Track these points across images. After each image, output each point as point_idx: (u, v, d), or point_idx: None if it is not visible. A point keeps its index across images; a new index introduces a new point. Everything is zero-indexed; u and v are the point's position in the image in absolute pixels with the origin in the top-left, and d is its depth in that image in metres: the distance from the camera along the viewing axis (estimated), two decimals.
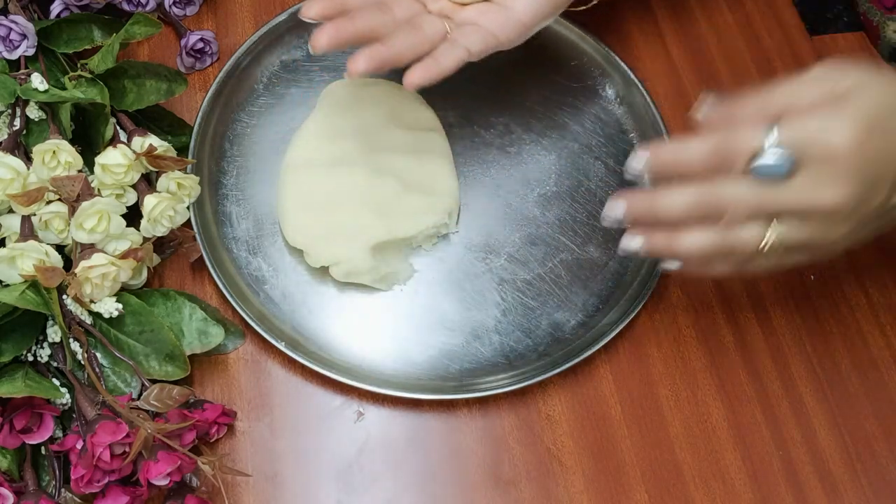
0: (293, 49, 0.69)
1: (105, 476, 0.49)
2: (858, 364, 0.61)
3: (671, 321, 0.61)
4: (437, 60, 0.54)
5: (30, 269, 0.52)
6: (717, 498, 0.56)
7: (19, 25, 0.60)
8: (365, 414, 0.57)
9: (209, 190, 0.63)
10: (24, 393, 0.50)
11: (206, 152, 0.64)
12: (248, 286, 0.60)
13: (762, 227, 0.47)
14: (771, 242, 0.47)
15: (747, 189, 0.46)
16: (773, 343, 0.61)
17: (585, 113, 0.68)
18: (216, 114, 0.65)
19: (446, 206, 0.62)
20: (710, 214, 0.48)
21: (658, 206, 0.49)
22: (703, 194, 0.48)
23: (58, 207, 0.55)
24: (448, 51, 0.55)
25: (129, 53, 0.69)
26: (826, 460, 0.57)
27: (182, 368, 0.54)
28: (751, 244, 0.48)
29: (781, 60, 0.72)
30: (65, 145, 0.55)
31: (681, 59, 0.72)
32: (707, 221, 0.48)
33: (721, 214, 0.47)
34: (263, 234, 0.62)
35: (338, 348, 0.59)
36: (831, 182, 0.45)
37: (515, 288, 0.61)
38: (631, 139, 0.67)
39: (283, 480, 0.55)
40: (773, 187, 0.46)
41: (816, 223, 0.47)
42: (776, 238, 0.47)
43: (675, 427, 0.58)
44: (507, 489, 0.56)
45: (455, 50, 0.55)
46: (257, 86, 0.67)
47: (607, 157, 0.67)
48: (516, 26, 0.56)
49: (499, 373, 0.58)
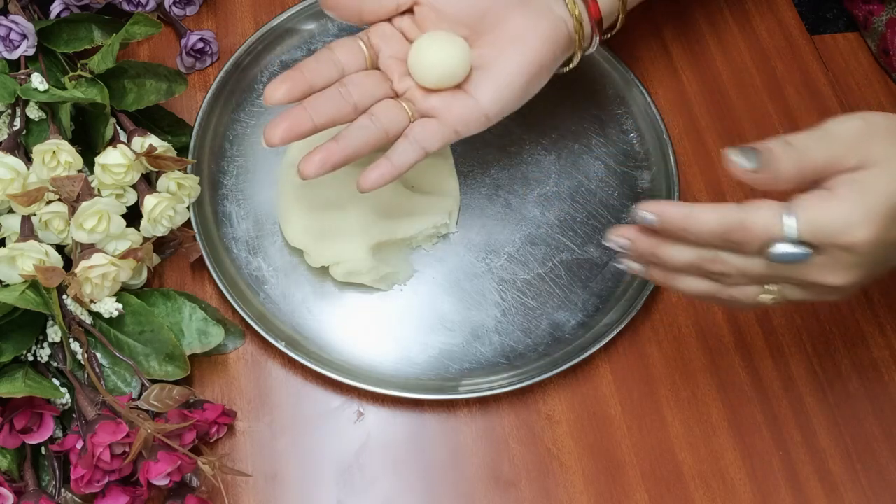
0: (293, 49, 0.69)
1: (105, 476, 0.49)
2: (858, 364, 0.61)
3: (671, 321, 0.61)
4: (391, 162, 0.54)
5: (30, 269, 0.52)
6: (717, 498, 0.56)
7: (19, 25, 0.60)
8: (365, 414, 0.57)
9: (209, 190, 0.63)
10: (24, 393, 0.50)
11: (206, 152, 0.64)
12: (248, 286, 0.60)
13: (763, 287, 0.47)
14: (770, 300, 0.47)
15: (757, 263, 0.45)
16: (773, 343, 0.61)
17: (585, 113, 0.68)
18: (216, 114, 0.65)
19: (446, 206, 0.62)
20: (713, 274, 0.47)
21: (661, 255, 0.48)
22: (709, 260, 0.46)
23: (58, 207, 0.55)
24: (404, 151, 0.54)
25: (129, 53, 0.69)
26: (826, 460, 0.57)
27: (182, 368, 0.54)
28: (750, 299, 0.48)
29: (781, 60, 0.72)
30: (65, 145, 0.55)
31: (681, 59, 0.72)
32: (709, 277, 0.48)
33: (724, 277, 0.47)
34: (263, 234, 0.62)
35: (338, 348, 0.59)
36: (845, 268, 0.45)
37: (515, 288, 0.61)
38: (631, 139, 0.67)
39: (283, 480, 0.55)
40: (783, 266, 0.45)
41: (820, 290, 0.47)
42: (776, 297, 0.47)
43: (675, 427, 0.58)
44: (507, 489, 0.56)
45: (411, 151, 0.54)
46: (257, 86, 0.67)
47: (607, 157, 0.67)
48: (479, 120, 0.55)
49: (499, 373, 0.58)
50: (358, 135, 0.53)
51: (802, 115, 0.69)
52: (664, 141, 0.65)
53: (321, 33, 0.70)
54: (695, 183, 0.66)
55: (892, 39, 0.70)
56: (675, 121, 0.69)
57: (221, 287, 0.58)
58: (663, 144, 0.65)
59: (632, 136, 0.67)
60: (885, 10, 0.71)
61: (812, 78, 0.71)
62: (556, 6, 0.56)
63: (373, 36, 0.56)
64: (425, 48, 0.54)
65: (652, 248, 0.48)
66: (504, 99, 0.55)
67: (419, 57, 0.54)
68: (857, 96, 0.71)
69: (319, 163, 0.52)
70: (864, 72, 0.73)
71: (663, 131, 0.66)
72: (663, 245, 0.47)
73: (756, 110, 0.70)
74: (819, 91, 0.71)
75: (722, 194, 0.66)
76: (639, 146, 0.67)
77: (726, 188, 0.66)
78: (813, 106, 0.70)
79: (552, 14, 0.56)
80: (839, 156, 0.44)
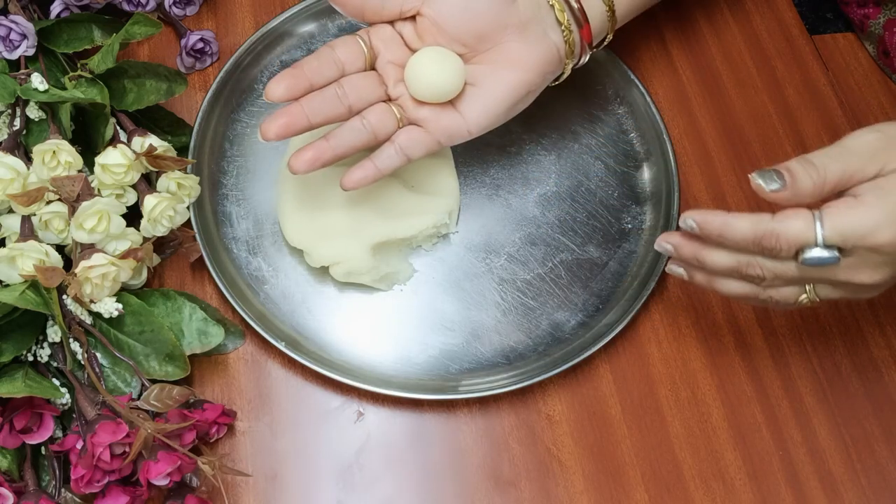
0: (293, 49, 0.69)
1: (105, 476, 0.49)
2: (858, 364, 0.61)
3: (671, 321, 0.61)
4: (375, 164, 0.56)
5: (30, 269, 0.52)
6: (717, 498, 0.56)
7: (19, 25, 0.60)
8: (365, 414, 0.57)
9: (209, 190, 0.63)
10: (24, 393, 0.50)
11: (206, 152, 0.64)
12: (249, 286, 0.60)
13: (799, 288, 0.51)
14: (805, 299, 0.51)
15: (791, 267, 0.49)
16: (773, 343, 0.61)
17: (585, 113, 0.68)
18: (216, 114, 0.65)
19: (446, 206, 0.62)
20: (751, 277, 0.50)
21: (703, 259, 0.52)
22: (747, 264, 0.50)
23: (58, 207, 0.55)
24: (389, 156, 0.56)
25: (129, 53, 0.69)
26: (826, 460, 0.57)
27: (182, 368, 0.54)
28: (787, 300, 0.51)
29: (781, 60, 0.72)
30: (65, 145, 0.55)
31: (681, 58, 0.72)
32: (748, 280, 0.51)
33: (762, 279, 0.50)
34: (263, 234, 0.62)
35: (337, 348, 0.59)
36: (873, 267, 0.48)
37: (515, 288, 0.61)
38: (631, 139, 0.67)
39: (283, 480, 0.55)
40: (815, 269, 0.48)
41: (853, 288, 0.50)
42: (811, 297, 0.51)
43: (675, 427, 0.58)
44: (507, 489, 0.56)
45: (396, 157, 0.56)
46: (257, 86, 0.67)
47: (607, 157, 0.67)
48: (462, 135, 0.58)
49: (499, 373, 0.58)
50: (348, 136, 0.56)
51: (802, 115, 0.69)
52: (664, 141, 0.65)
53: (321, 33, 0.70)
54: (695, 183, 0.66)
55: (891, 41, 0.70)
56: (675, 121, 0.69)
57: (221, 287, 0.58)
58: (663, 144, 0.65)
59: (632, 136, 0.67)
60: (882, 13, 0.71)
61: (812, 78, 0.71)
62: (552, 33, 0.58)
63: (374, 37, 0.58)
64: (422, 64, 0.56)
65: (694, 253, 0.52)
66: (490, 118, 0.58)
67: (416, 72, 0.56)
68: (857, 96, 0.71)
69: (310, 160, 0.55)
70: (864, 72, 0.73)
71: (663, 131, 0.66)
72: (705, 250, 0.51)
73: (756, 110, 0.70)
74: (819, 91, 0.71)
75: (722, 194, 0.66)
76: (639, 146, 0.67)
77: (726, 188, 0.66)
78: (813, 106, 0.70)
79: (547, 40, 0.58)
80: (857, 168, 0.48)
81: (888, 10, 0.71)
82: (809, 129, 0.69)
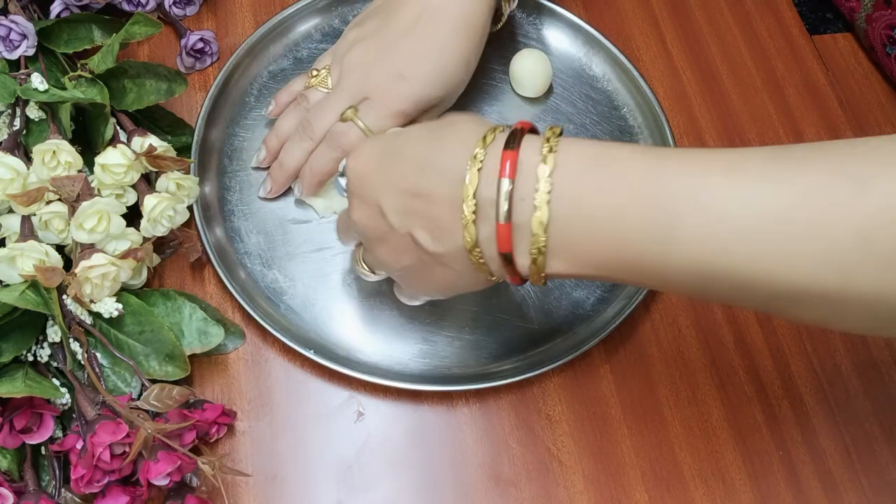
0: (293, 49, 0.69)
1: (105, 476, 0.49)
2: (858, 364, 0.61)
3: (671, 321, 0.61)
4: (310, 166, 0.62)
5: (30, 269, 0.52)
6: (717, 498, 0.56)
7: (19, 25, 0.60)
8: (365, 414, 0.57)
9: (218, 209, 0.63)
10: (24, 393, 0.50)
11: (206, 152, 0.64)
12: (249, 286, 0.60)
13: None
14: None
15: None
16: (773, 343, 0.61)
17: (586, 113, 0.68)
18: (216, 114, 0.65)
19: None
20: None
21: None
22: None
23: (58, 207, 0.55)
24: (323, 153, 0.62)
25: (129, 53, 0.69)
26: (826, 460, 0.57)
27: (182, 368, 0.54)
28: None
29: (781, 60, 0.72)
30: (65, 145, 0.55)
31: (681, 58, 0.72)
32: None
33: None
34: (275, 244, 0.62)
35: (339, 344, 0.59)
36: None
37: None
38: (632, 139, 0.67)
39: (283, 480, 0.55)
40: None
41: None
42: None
43: (675, 427, 0.58)
44: (507, 489, 0.56)
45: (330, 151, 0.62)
46: (248, 98, 0.67)
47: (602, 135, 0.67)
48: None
49: (500, 368, 0.58)
50: (293, 154, 0.62)
51: (802, 114, 0.70)
52: (665, 140, 0.65)
53: (321, 33, 0.70)
54: None
55: (873, 35, 0.70)
56: (676, 121, 0.69)
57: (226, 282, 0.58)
58: (664, 144, 0.65)
59: (632, 135, 0.67)
60: (862, 8, 0.71)
61: (812, 78, 0.71)
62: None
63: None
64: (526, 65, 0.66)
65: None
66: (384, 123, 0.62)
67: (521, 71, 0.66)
68: (857, 96, 0.71)
69: (273, 191, 0.63)
70: (864, 72, 0.73)
71: (665, 130, 0.66)
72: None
73: (756, 110, 0.70)
74: (819, 91, 0.71)
75: None
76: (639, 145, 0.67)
77: None
78: (813, 106, 0.70)
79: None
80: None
81: (864, 5, 0.71)
82: (809, 129, 0.69)
